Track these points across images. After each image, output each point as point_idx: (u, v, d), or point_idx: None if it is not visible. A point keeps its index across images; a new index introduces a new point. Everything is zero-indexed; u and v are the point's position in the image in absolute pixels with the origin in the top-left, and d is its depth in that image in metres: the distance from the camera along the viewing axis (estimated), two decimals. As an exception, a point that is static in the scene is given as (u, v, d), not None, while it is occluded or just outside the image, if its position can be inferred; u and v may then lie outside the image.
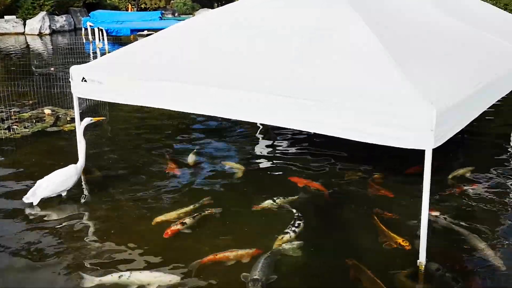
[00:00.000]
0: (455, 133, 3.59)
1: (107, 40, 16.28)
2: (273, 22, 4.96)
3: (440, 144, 3.35)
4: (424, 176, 3.39)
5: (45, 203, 4.72)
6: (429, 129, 3.23)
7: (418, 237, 3.59)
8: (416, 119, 3.27)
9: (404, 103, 3.38)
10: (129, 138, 7.06)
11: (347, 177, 5.37)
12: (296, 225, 4.22)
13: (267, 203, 4.68)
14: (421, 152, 3.32)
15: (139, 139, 6.93)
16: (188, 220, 4.30)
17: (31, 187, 4.80)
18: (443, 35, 5.32)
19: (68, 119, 7.78)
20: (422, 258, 3.56)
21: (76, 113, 5.51)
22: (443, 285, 3.49)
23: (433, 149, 3.30)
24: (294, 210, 4.49)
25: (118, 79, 4.85)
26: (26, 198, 4.68)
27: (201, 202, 4.71)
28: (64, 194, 4.86)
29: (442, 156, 5.58)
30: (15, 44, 19.73)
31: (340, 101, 3.57)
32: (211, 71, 4.47)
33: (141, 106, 4.63)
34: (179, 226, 4.20)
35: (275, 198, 4.74)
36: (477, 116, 4.11)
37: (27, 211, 4.62)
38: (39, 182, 4.75)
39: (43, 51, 18.15)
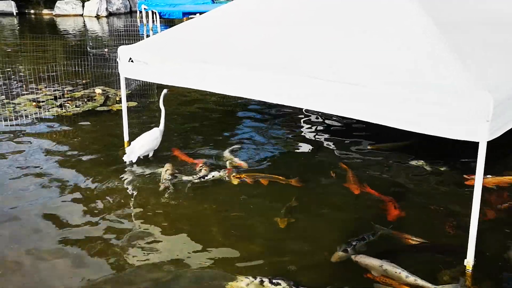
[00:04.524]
0: (513, 126, 3.31)
1: (160, 22, 16.45)
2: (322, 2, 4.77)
3: (495, 137, 3.10)
4: (477, 172, 3.15)
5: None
6: (485, 120, 2.98)
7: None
8: (470, 108, 3.03)
9: (458, 91, 3.13)
10: (174, 121, 7.09)
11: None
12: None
13: None
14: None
15: (185, 121, 6.95)
16: None
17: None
18: (506, 22, 4.94)
19: (117, 99, 7.91)
20: (470, 258, 3.33)
21: (123, 93, 5.59)
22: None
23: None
24: None
25: (162, 60, 4.83)
26: (127, 157, 5.22)
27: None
28: (151, 154, 5.41)
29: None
30: (74, 25, 20.38)
31: (387, 87, 3.37)
32: (255, 54, 4.36)
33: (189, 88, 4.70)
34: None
35: None
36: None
37: (129, 168, 5.21)
38: (133, 143, 5.31)
39: (99, 33, 18.65)
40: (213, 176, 4.90)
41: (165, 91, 5.63)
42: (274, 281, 3.20)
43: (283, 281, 3.20)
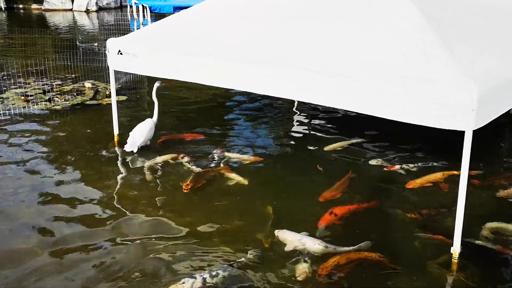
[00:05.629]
0: (499, 115, 3.34)
1: (151, 17, 16.38)
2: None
3: (481, 126, 3.14)
4: (463, 160, 3.19)
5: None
6: (470, 109, 3.02)
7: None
8: (456, 97, 3.06)
9: (444, 80, 3.17)
10: (166, 114, 7.07)
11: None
12: None
13: None
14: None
15: (174, 114, 6.94)
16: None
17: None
18: (495, 14, 4.99)
19: (107, 93, 7.87)
20: (456, 246, 3.37)
21: (112, 86, 5.56)
22: (478, 275, 3.31)
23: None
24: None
25: (151, 52, 4.82)
26: (128, 147, 5.38)
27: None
28: (148, 143, 5.56)
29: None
30: (63, 20, 20.21)
31: (374, 77, 3.40)
32: (245, 46, 4.37)
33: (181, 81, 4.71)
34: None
35: None
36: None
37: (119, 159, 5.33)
38: (131, 134, 5.42)
39: (88, 27, 18.52)
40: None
41: (157, 83, 5.54)
42: (213, 273, 3.25)
43: (221, 271, 3.27)
